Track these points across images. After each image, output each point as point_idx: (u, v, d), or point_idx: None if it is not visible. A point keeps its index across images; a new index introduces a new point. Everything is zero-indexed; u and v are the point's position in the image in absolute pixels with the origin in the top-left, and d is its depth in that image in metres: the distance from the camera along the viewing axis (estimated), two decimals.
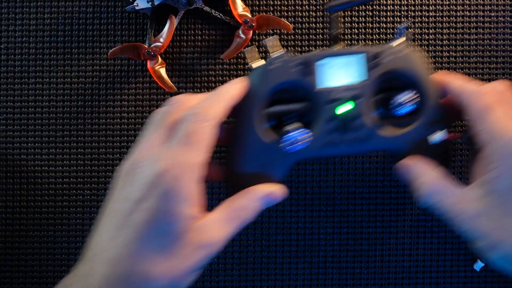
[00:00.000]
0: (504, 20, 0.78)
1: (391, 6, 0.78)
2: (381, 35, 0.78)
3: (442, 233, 0.78)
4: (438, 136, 0.66)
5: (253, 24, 0.74)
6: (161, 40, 0.74)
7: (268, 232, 0.78)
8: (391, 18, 0.78)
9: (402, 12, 0.78)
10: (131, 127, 0.77)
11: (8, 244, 0.77)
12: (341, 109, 0.67)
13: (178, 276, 0.57)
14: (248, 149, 0.67)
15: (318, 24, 0.78)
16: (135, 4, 0.74)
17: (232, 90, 0.64)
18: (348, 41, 0.78)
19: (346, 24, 0.78)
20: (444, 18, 0.78)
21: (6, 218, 0.77)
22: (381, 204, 0.78)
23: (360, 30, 0.78)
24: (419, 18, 0.78)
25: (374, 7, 0.78)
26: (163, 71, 0.75)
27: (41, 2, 0.77)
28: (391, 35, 0.78)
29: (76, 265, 0.59)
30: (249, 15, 0.75)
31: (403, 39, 0.70)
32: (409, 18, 0.78)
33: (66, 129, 0.77)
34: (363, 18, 0.78)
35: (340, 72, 0.68)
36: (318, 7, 0.78)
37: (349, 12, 0.78)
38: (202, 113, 0.60)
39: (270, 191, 0.64)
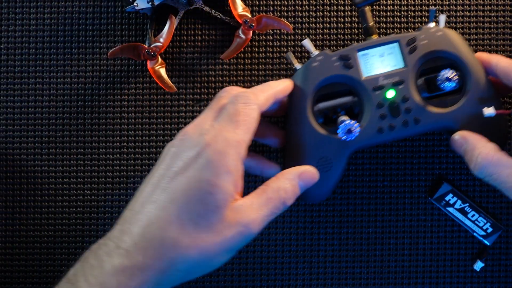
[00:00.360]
0: (504, 20, 0.78)
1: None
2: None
3: (442, 233, 0.78)
4: (491, 110, 0.68)
5: (253, 24, 0.74)
6: (161, 40, 0.74)
7: (268, 231, 0.78)
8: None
9: (402, 12, 0.78)
10: (131, 127, 0.77)
11: (8, 244, 0.78)
12: (389, 94, 0.71)
13: (208, 251, 0.58)
14: (307, 144, 0.71)
15: (318, 24, 0.78)
16: (135, 4, 0.74)
17: (278, 85, 0.68)
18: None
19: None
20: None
21: (6, 218, 0.77)
22: (381, 204, 0.78)
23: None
24: (419, 18, 0.78)
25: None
26: (163, 71, 0.75)
27: (41, 2, 0.77)
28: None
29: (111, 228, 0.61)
30: (249, 15, 0.75)
31: (434, 22, 0.73)
32: (409, 18, 0.78)
33: (66, 129, 0.77)
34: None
35: (381, 61, 0.71)
36: (318, 7, 0.78)
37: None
38: (249, 96, 0.64)
39: (303, 170, 0.66)
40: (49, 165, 0.77)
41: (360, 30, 0.79)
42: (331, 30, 0.78)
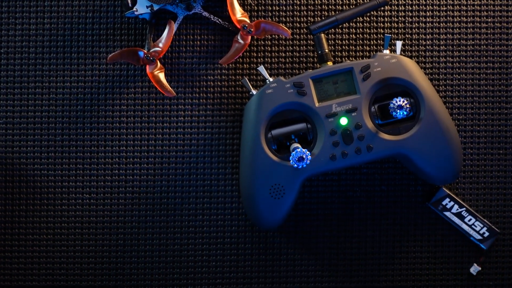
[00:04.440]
0: (500, 26, 0.79)
1: (389, 12, 0.79)
2: (371, 47, 0.80)
3: (439, 236, 0.80)
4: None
5: (252, 30, 0.75)
6: (160, 45, 0.75)
7: (265, 235, 0.79)
8: (381, 31, 0.79)
9: (400, 18, 0.79)
10: (130, 131, 0.78)
11: (7, 248, 0.78)
12: (342, 122, 0.72)
13: None
14: (260, 171, 0.72)
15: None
16: (134, 9, 0.75)
17: None
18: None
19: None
20: (441, 24, 0.79)
21: (5, 222, 0.78)
22: (379, 208, 0.79)
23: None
24: (416, 24, 0.79)
25: (372, 18, 0.79)
26: (162, 76, 0.76)
27: (41, 7, 0.78)
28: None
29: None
30: (248, 21, 0.76)
31: (389, 49, 0.74)
32: (407, 24, 0.79)
33: (65, 133, 0.78)
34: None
35: (334, 88, 0.72)
36: (316, 12, 0.79)
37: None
38: None
39: None
40: (48, 169, 0.78)
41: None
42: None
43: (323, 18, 0.78)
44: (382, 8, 0.79)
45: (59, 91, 0.78)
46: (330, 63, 0.74)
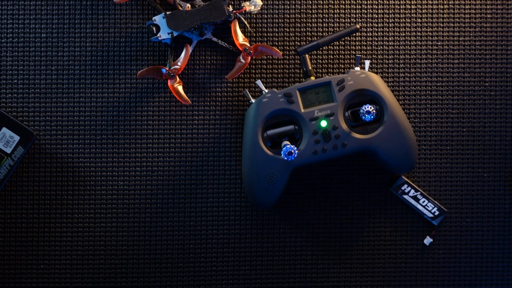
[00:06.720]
0: (448, 48, 0.92)
1: (359, 37, 0.92)
2: (346, 65, 0.92)
3: (399, 215, 0.91)
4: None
5: (251, 51, 0.88)
6: (179, 63, 0.88)
7: (262, 213, 0.90)
8: (353, 52, 0.91)
9: (368, 42, 0.91)
10: (155, 132, 0.91)
11: (57, 224, 0.90)
12: (322, 124, 0.82)
13: None
14: (258, 163, 0.82)
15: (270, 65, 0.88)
16: (158, 35, 0.87)
17: None
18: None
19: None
20: (400, 47, 0.92)
21: (56, 204, 0.90)
22: (351, 193, 0.91)
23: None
24: (381, 47, 0.92)
25: (346, 42, 0.91)
26: (180, 88, 0.88)
27: (83, 33, 0.91)
28: (352, 64, 0.92)
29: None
30: (248, 44, 0.88)
31: (359, 66, 0.84)
32: (373, 47, 0.91)
33: (104, 133, 0.91)
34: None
35: (316, 97, 0.83)
36: (301, 37, 0.92)
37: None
38: None
39: None
40: (90, 162, 0.91)
41: (329, 64, 0.91)
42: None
43: (307, 42, 0.90)
44: (354, 34, 0.91)
45: (98, 100, 0.91)
46: (313, 78, 0.85)
